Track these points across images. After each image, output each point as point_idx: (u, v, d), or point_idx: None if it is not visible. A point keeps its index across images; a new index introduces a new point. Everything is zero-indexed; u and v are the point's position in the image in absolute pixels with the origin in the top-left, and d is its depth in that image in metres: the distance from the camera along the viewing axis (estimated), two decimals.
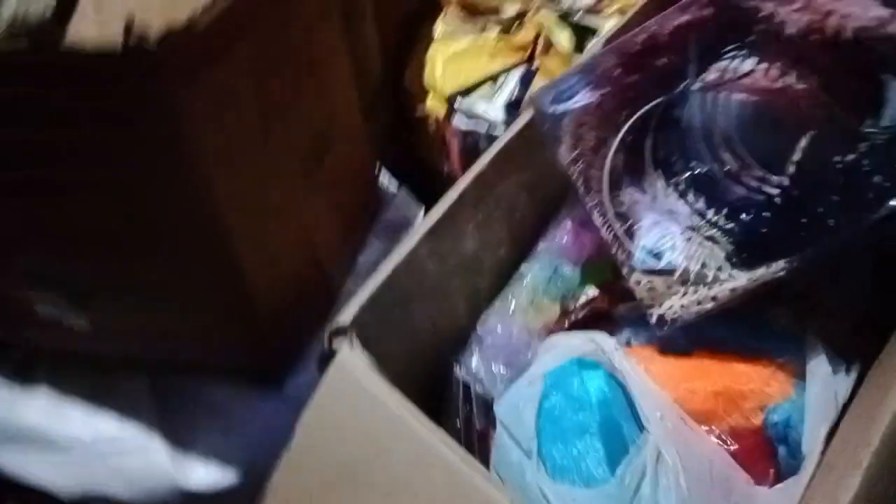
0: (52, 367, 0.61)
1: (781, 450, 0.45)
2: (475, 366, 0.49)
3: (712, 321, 0.49)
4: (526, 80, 0.74)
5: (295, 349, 0.58)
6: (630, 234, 0.46)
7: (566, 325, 0.53)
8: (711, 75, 0.45)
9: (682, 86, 0.45)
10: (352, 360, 0.42)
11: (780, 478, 0.44)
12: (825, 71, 0.44)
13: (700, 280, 0.44)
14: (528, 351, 0.49)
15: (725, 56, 0.45)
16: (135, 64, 0.34)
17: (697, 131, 0.47)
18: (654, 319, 0.45)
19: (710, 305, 0.44)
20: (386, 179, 0.74)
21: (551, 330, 0.52)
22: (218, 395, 0.58)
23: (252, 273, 0.48)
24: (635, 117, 0.45)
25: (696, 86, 0.45)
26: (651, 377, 0.46)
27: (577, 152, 0.46)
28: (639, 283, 0.46)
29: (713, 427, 0.45)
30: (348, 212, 0.66)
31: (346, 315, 0.43)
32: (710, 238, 0.45)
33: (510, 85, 0.74)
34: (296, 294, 0.57)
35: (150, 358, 0.60)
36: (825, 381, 0.45)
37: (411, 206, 0.72)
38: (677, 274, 0.45)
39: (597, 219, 0.47)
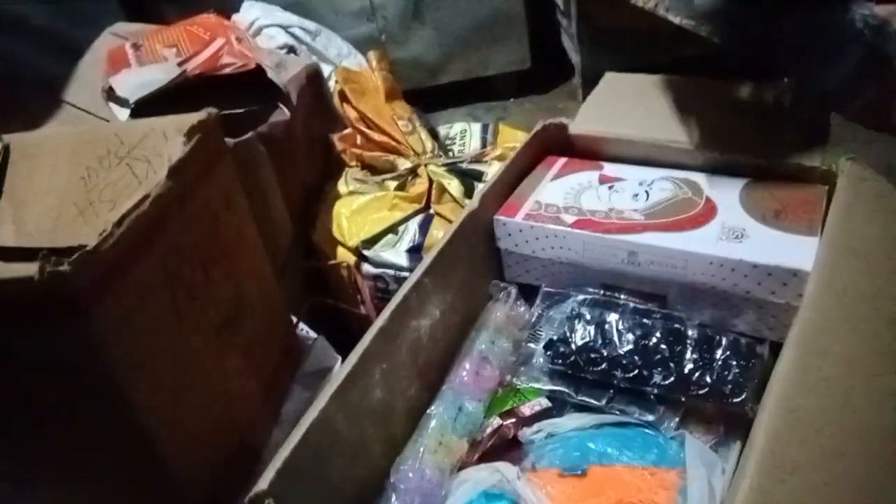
0: None
1: None
2: None
3: (601, 439, 0.56)
4: (424, 226, 0.82)
5: None
6: None
7: (476, 456, 0.57)
8: None
9: None
10: None
11: None
12: None
13: None
14: (442, 490, 0.53)
15: None
16: (50, 289, 0.38)
17: None
18: None
19: None
20: (304, 330, 0.79)
21: (463, 464, 0.56)
22: None
23: (174, 454, 0.51)
24: None
25: None
26: (552, 499, 0.51)
27: None
28: None
29: None
30: (268, 368, 0.69)
31: (263, 482, 0.46)
32: None
33: (410, 232, 0.82)
34: (220, 461, 0.59)
35: None
36: (702, 484, 0.50)
37: (329, 353, 0.76)
38: None
39: None
